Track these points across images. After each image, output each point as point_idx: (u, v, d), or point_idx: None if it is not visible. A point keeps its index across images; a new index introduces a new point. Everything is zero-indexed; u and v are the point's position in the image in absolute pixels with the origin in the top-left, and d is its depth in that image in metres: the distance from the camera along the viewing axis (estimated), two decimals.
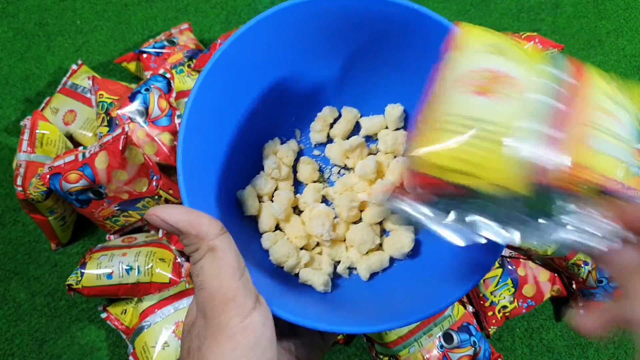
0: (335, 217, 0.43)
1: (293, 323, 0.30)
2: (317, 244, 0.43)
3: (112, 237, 0.59)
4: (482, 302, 0.54)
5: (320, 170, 0.46)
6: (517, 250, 0.54)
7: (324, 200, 0.45)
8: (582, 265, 0.51)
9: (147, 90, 0.57)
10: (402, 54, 0.39)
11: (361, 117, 0.46)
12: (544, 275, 0.54)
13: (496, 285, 0.53)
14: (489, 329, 0.55)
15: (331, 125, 0.46)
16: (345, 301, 0.38)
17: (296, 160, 0.45)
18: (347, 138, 0.46)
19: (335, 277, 0.42)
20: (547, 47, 0.64)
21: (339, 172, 0.45)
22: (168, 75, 0.59)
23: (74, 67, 0.67)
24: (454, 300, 0.31)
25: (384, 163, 0.44)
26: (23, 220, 0.63)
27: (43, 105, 0.65)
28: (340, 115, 0.45)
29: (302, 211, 0.43)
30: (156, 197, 0.54)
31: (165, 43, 0.67)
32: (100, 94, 0.58)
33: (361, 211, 0.43)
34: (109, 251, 0.54)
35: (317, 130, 0.45)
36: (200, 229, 0.26)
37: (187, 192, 0.32)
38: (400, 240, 0.40)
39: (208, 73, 0.35)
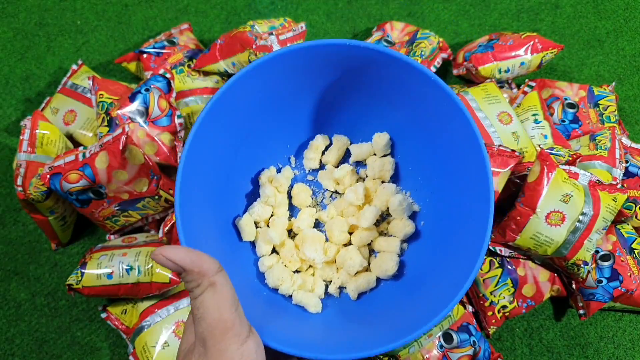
0: (326, 240, 0.46)
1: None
2: (310, 266, 0.46)
3: (112, 237, 0.59)
4: (481, 302, 0.54)
5: (314, 194, 0.49)
6: (517, 250, 0.54)
7: (317, 223, 0.48)
8: (582, 265, 0.51)
9: (147, 90, 0.57)
10: (383, 87, 0.42)
11: (351, 144, 0.49)
12: (543, 275, 0.54)
13: (496, 285, 0.54)
14: (489, 329, 0.55)
15: (323, 152, 0.49)
16: (336, 322, 0.42)
17: (291, 185, 0.48)
18: (339, 164, 0.49)
19: (326, 297, 0.45)
20: (547, 47, 0.64)
21: (331, 196, 0.49)
22: (168, 75, 0.59)
23: (74, 67, 0.67)
24: (437, 321, 0.34)
25: (371, 189, 0.47)
26: (23, 220, 0.64)
27: (43, 105, 0.65)
28: (331, 143, 0.49)
29: (297, 234, 0.46)
30: (156, 197, 0.54)
31: (165, 43, 0.67)
32: (100, 94, 0.58)
33: (350, 233, 0.46)
34: (109, 251, 0.54)
35: (310, 158, 0.48)
36: (202, 266, 0.28)
37: (185, 234, 0.36)
38: (385, 263, 0.43)
39: (205, 117, 0.38)
